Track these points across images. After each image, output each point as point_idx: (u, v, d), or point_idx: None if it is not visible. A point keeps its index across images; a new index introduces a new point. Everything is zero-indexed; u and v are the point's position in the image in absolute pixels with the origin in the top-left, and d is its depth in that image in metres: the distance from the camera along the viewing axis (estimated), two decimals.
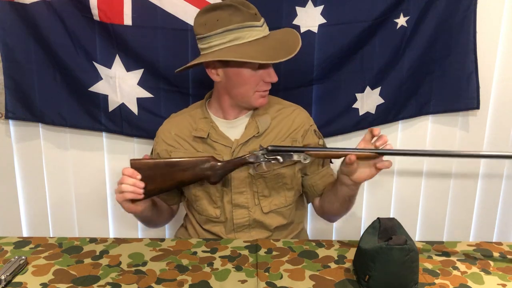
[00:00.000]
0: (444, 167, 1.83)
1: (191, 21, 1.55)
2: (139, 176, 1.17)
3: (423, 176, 1.85)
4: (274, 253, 1.15)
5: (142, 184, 1.17)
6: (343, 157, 1.17)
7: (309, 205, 1.50)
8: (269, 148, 1.19)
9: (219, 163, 1.21)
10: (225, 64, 1.25)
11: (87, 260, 1.13)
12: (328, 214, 1.40)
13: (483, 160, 1.83)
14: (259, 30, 1.23)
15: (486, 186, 1.86)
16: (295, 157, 1.18)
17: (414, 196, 1.88)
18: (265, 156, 1.20)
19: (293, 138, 1.33)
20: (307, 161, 1.18)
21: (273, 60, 1.22)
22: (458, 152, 1.23)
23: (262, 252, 1.16)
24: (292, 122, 1.35)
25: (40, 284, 1.02)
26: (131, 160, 1.20)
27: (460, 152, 1.18)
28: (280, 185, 1.33)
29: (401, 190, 1.87)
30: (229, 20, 1.21)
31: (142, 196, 1.18)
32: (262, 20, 1.25)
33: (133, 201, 1.19)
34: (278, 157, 1.19)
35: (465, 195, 1.87)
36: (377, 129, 1.15)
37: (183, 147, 1.34)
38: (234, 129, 1.33)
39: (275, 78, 1.28)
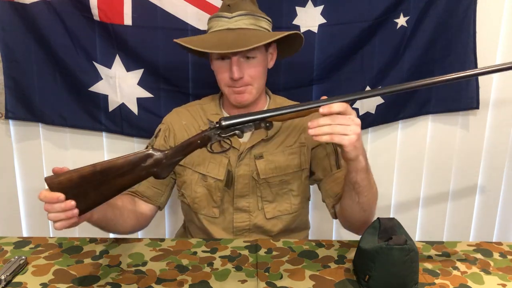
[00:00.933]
0: (444, 167, 1.84)
1: (191, 21, 1.56)
2: (62, 196, 0.93)
3: (423, 176, 1.85)
4: (274, 253, 1.15)
5: (72, 203, 0.93)
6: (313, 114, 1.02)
7: (309, 207, 1.48)
8: (223, 123, 1.03)
9: (163, 154, 1.02)
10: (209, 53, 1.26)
11: (87, 260, 1.12)
12: (351, 221, 1.22)
13: (483, 160, 1.83)
14: (225, 21, 1.21)
15: (486, 186, 1.86)
16: (256, 126, 1.04)
17: (414, 196, 1.88)
18: (220, 134, 1.04)
19: (301, 142, 1.29)
20: (270, 128, 1.04)
21: (203, 48, 1.16)
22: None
23: (262, 252, 1.16)
24: (302, 125, 1.31)
25: (40, 284, 1.02)
26: (46, 178, 0.95)
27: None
28: (286, 191, 1.30)
29: (401, 190, 1.87)
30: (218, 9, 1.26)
31: (77, 218, 0.96)
32: (238, 13, 1.21)
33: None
34: (236, 131, 1.04)
35: (465, 195, 1.87)
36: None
37: None
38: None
39: (235, 74, 1.19)
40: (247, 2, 1.25)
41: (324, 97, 1.01)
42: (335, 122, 0.97)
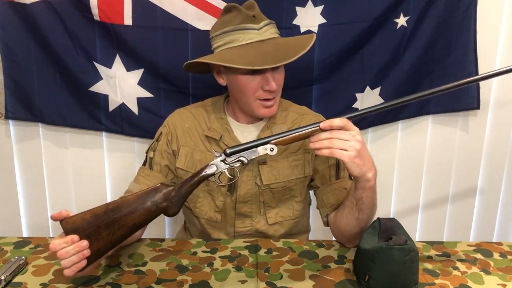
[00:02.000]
0: (445, 167, 1.83)
1: (191, 21, 1.56)
2: (76, 237, 0.93)
3: (423, 176, 1.85)
4: (274, 253, 1.15)
5: (85, 243, 0.93)
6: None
7: (311, 208, 1.48)
8: (228, 151, 1.04)
9: (171, 188, 1.04)
10: (225, 68, 1.21)
11: None
12: (344, 233, 1.18)
13: (483, 160, 1.83)
14: (255, 33, 1.17)
15: (486, 186, 1.86)
16: (261, 151, 1.05)
17: (414, 196, 1.88)
18: (225, 161, 1.05)
19: (305, 149, 1.27)
20: (274, 152, 1.04)
21: (252, 66, 1.12)
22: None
23: (262, 252, 1.16)
24: None
25: (40, 284, 1.02)
26: (61, 221, 0.94)
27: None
28: (288, 197, 1.29)
29: (401, 190, 1.87)
30: (229, 22, 1.19)
31: (85, 262, 0.94)
32: (263, 23, 1.18)
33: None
34: (242, 158, 1.05)
35: (465, 195, 1.87)
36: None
37: (194, 143, 1.28)
38: (248, 134, 1.29)
39: (272, 86, 1.16)
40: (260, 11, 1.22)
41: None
42: (335, 136, 1.00)
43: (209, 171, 1.05)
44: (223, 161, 1.05)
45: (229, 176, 1.09)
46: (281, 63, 1.13)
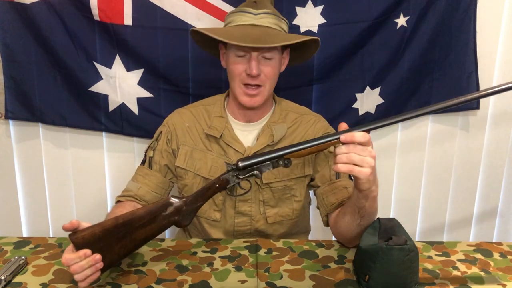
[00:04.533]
0: (444, 166, 1.83)
1: (191, 21, 1.56)
2: (89, 252, 0.94)
3: (423, 176, 1.85)
4: (274, 253, 1.15)
5: (98, 257, 0.94)
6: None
7: (311, 208, 1.48)
8: (240, 165, 1.03)
9: (183, 201, 1.04)
10: (224, 47, 1.26)
11: None
12: (345, 236, 1.17)
13: (483, 160, 1.83)
14: (250, 17, 1.21)
15: (486, 186, 1.86)
16: (274, 165, 1.03)
17: (414, 196, 1.88)
18: (238, 176, 1.04)
19: None
20: (289, 165, 1.02)
21: (229, 40, 1.14)
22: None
23: (262, 252, 1.16)
24: (306, 132, 1.30)
25: (40, 284, 1.02)
26: (70, 236, 0.96)
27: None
28: (288, 197, 1.29)
29: (401, 190, 1.87)
30: (239, 5, 1.26)
31: (99, 273, 0.97)
32: (263, 10, 1.22)
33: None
34: (255, 172, 1.03)
35: (465, 195, 1.87)
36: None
37: (193, 142, 1.29)
38: (248, 133, 1.29)
39: (252, 70, 1.17)
40: (269, 2, 1.26)
41: (343, 125, 0.99)
42: (353, 151, 0.96)
43: (220, 184, 1.07)
44: (235, 175, 1.05)
45: (242, 188, 1.10)
46: (257, 44, 1.13)
